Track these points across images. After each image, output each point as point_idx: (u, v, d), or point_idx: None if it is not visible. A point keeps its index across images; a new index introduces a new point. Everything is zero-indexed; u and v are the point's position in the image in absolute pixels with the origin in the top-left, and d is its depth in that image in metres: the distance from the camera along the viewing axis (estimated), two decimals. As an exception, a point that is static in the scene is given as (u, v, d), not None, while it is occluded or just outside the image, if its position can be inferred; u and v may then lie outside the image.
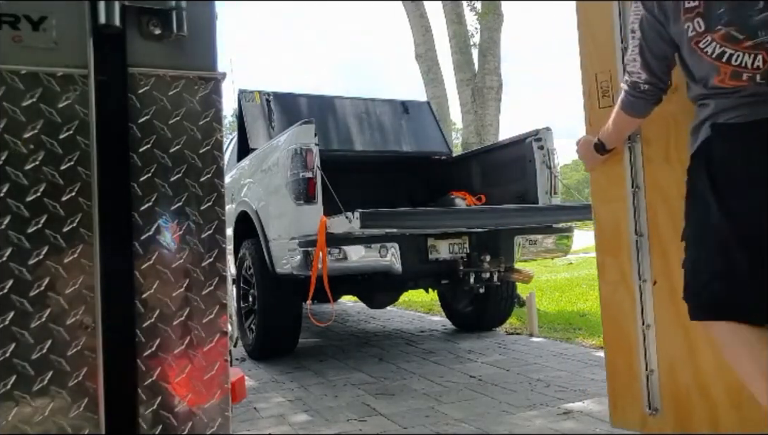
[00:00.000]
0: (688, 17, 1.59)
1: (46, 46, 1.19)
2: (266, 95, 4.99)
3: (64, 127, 1.20)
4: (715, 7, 1.56)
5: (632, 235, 1.99)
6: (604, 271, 2.07)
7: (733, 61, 1.55)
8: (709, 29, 1.57)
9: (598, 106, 2.04)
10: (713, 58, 1.58)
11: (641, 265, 1.98)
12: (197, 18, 1.28)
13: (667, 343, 1.96)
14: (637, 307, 1.99)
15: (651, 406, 1.99)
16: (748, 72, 1.54)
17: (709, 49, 1.58)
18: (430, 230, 3.67)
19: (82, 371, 1.19)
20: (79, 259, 1.19)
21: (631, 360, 2.02)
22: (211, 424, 1.27)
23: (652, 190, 1.95)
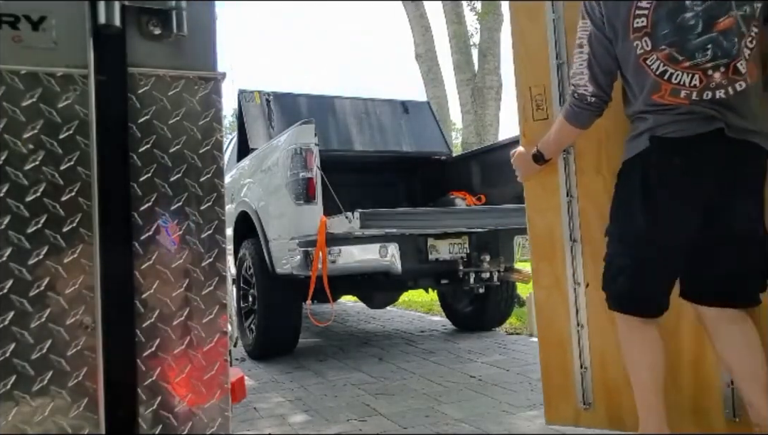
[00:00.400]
0: (636, 36, 1.71)
1: (46, 46, 1.19)
2: (266, 95, 4.99)
3: (63, 127, 1.20)
4: (660, 27, 1.67)
5: (566, 242, 2.09)
6: (538, 276, 2.16)
7: (673, 80, 1.67)
8: (655, 48, 1.68)
9: (532, 119, 2.11)
10: (657, 75, 1.69)
11: (575, 270, 2.09)
12: (197, 18, 1.28)
13: (598, 340, 2.08)
14: (572, 309, 2.10)
15: (585, 401, 2.11)
16: (686, 90, 1.66)
17: (654, 66, 1.69)
18: (430, 230, 3.67)
19: (82, 371, 1.19)
20: (79, 259, 1.19)
21: (565, 359, 2.12)
22: (211, 424, 1.27)
23: (584, 198, 2.06)
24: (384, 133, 5.33)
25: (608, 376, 2.08)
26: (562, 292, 2.11)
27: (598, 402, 2.10)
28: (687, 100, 1.67)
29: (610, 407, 2.09)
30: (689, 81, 1.66)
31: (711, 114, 1.65)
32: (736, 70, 1.64)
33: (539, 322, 2.18)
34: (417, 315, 6.07)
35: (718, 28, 1.64)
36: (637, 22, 1.70)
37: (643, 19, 1.69)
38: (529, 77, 2.10)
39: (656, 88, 1.70)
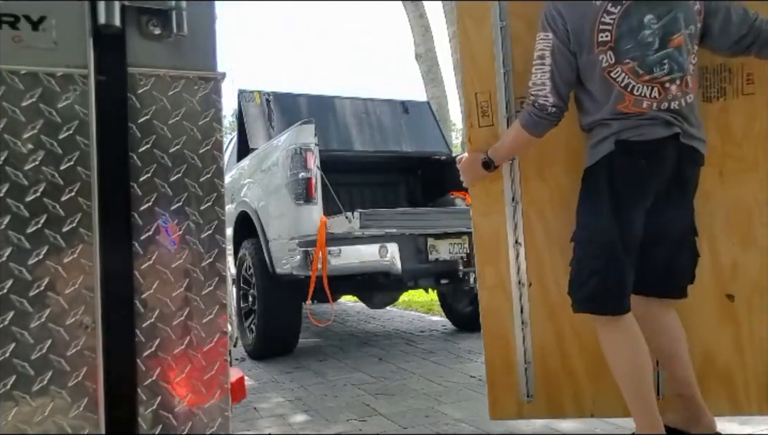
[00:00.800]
0: (601, 49, 1.81)
1: (46, 46, 1.19)
2: (266, 95, 4.99)
3: (63, 127, 1.20)
4: (624, 42, 1.79)
5: (511, 245, 2.18)
6: (483, 278, 2.23)
7: (635, 92, 1.81)
8: (619, 61, 1.80)
9: (478, 126, 2.15)
10: (621, 87, 1.81)
11: (520, 271, 2.19)
12: (197, 18, 1.28)
13: (539, 336, 2.21)
14: (516, 309, 2.20)
15: (528, 394, 2.23)
16: (647, 101, 1.81)
17: (619, 78, 1.82)
18: (430, 230, 3.67)
19: (81, 371, 1.19)
20: (78, 259, 1.19)
21: (509, 356, 2.23)
22: (210, 424, 1.27)
23: (527, 203, 2.15)
24: (384, 133, 5.32)
25: (548, 369, 2.21)
26: (506, 293, 2.20)
27: (538, 394, 2.22)
28: (649, 110, 1.81)
29: (549, 397, 2.22)
30: (649, 93, 1.80)
31: (669, 120, 1.80)
32: (687, 84, 1.82)
33: (484, 322, 2.25)
34: (417, 315, 6.07)
35: (672, 45, 1.79)
36: (602, 36, 1.80)
37: (607, 34, 1.80)
38: (475, 83, 2.14)
39: (621, 99, 1.82)
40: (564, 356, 2.21)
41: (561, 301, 2.12)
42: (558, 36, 1.84)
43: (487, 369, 2.25)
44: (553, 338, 2.20)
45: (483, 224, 2.21)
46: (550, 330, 2.20)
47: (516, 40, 2.08)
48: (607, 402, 2.19)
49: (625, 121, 1.82)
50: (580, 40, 1.82)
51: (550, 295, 2.15)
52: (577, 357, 2.20)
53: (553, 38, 1.84)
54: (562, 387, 2.22)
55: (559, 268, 2.12)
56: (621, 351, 1.90)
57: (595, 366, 2.17)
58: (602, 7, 1.80)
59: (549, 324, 2.19)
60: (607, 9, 1.79)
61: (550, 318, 2.18)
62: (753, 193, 2.06)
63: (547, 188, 2.13)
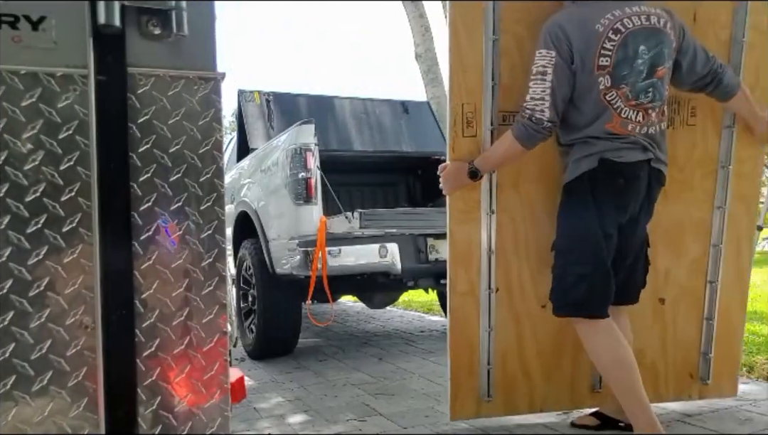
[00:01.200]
0: (600, 72, 1.94)
1: (46, 46, 1.19)
2: (266, 95, 4.99)
3: (63, 127, 1.20)
4: (621, 69, 1.94)
5: (484, 252, 2.28)
6: (456, 283, 2.30)
7: (623, 114, 1.96)
8: (614, 85, 1.94)
9: (462, 135, 2.23)
10: (613, 108, 1.96)
11: (490, 277, 2.29)
12: (197, 18, 1.28)
13: (502, 340, 2.34)
14: (483, 314, 2.30)
15: (489, 394, 2.36)
16: (632, 123, 1.97)
17: (612, 101, 1.96)
18: (429, 230, 3.67)
19: (81, 371, 1.19)
20: (78, 259, 1.19)
21: (473, 359, 2.33)
22: (210, 424, 1.27)
23: (501, 212, 2.26)
24: (384, 133, 5.32)
25: (507, 371, 2.36)
26: (475, 298, 2.30)
27: (497, 394, 2.36)
28: (632, 132, 1.97)
29: (506, 397, 2.38)
30: (635, 116, 1.96)
31: (646, 145, 1.98)
32: (663, 112, 2.02)
33: (452, 325, 2.33)
34: (417, 315, 6.07)
35: (657, 75, 1.96)
36: (602, 61, 1.94)
37: (607, 59, 1.93)
38: (462, 94, 2.19)
39: (610, 119, 1.97)
40: (522, 358, 2.37)
41: (524, 306, 2.31)
42: (561, 54, 1.94)
43: (451, 372, 2.33)
44: (514, 341, 2.35)
45: (458, 231, 2.28)
46: (513, 334, 2.35)
47: (504, 55, 2.17)
48: (555, 397, 2.42)
49: (608, 142, 1.96)
50: (583, 60, 1.94)
51: (514, 301, 2.30)
52: (534, 358, 2.37)
53: (556, 56, 1.93)
54: (519, 387, 2.38)
55: (525, 274, 2.29)
56: (607, 352, 2.03)
57: (548, 366, 2.39)
58: (605, 33, 1.93)
59: (512, 328, 2.34)
60: (609, 36, 1.93)
61: (513, 322, 2.32)
62: (688, 211, 2.38)
63: (518, 198, 2.26)
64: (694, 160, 2.35)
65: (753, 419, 2.36)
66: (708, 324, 2.48)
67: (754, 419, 2.36)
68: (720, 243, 2.41)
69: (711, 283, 2.45)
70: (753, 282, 7.30)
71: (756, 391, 2.78)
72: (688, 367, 2.51)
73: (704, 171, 2.37)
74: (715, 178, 2.37)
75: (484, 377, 2.35)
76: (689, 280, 2.44)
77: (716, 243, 2.41)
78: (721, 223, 2.40)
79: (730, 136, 2.34)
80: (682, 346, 2.48)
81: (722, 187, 2.38)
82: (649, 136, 1.99)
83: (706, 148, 2.36)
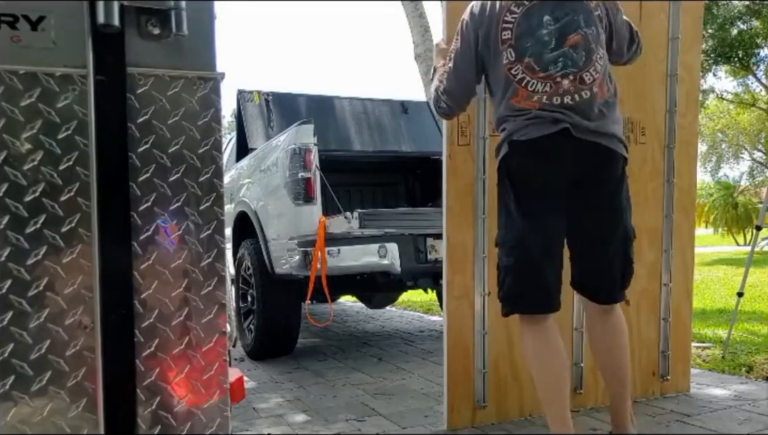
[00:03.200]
0: (504, 47, 1.90)
1: (45, 46, 1.19)
2: (265, 95, 4.98)
3: (62, 127, 1.20)
4: (523, 40, 1.88)
5: (479, 256, 2.39)
6: (452, 287, 2.39)
7: (529, 87, 1.87)
8: (519, 59, 1.88)
9: (457, 144, 2.41)
10: (517, 82, 1.88)
11: (485, 282, 2.37)
12: (196, 18, 1.28)
13: (494, 344, 2.41)
14: (478, 317, 2.39)
15: (484, 401, 2.42)
16: (538, 95, 1.86)
17: (516, 74, 1.89)
18: (429, 230, 3.67)
19: (80, 371, 1.19)
20: (77, 259, 1.19)
21: (468, 364, 2.40)
22: (210, 424, 1.27)
23: (492, 216, 2.30)
24: (383, 133, 5.32)
25: (499, 376, 2.44)
26: (470, 302, 2.39)
27: (490, 401, 2.43)
28: (537, 104, 1.86)
29: (498, 403, 2.44)
30: (542, 88, 1.87)
31: (556, 117, 1.84)
32: (582, 80, 1.86)
33: (449, 330, 2.41)
34: (416, 315, 6.07)
35: (567, 44, 1.87)
36: (504, 35, 1.90)
37: (509, 32, 1.89)
38: None
39: (515, 93, 1.89)
40: (513, 363, 2.44)
41: None
42: (464, 40, 1.97)
43: (447, 377, 2.38)
44: (506, 346, 2.42)
45: (455, 236, 2.39)
46: (504, 336, 2.41)
47: None
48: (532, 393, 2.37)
49: (514, 121, 1.88)
50: (487, 41, 1.92)
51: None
52: (523, 363, 2.38)
53: (458, 43, 1.99)
54: (510, 392, 2.46)
55: None
56: (535, 354, 1.93)
57: None
58: (506, 7, 1.90)
59: (504, 332, 2.39)
60: (510, 9, 1.90)
61: (505, 326, 2.36)
62: (643, 221, 2.54)
63: None
64: (645, 173, 2.64)
65: (752, 419, 2.36)
66: (664, 323, 2.71)
67: (753, 419, 2.36)
68: (670, 248, 2.69)
69: (665, 285, 2.71)
70: (752, 282, 7.32)
71: (756, 391, 2.78)
72: (651, 365, 2.70)
73: (654, 184, 2.66)
74: (662, 190, 2.68)
75: (479, 382, 2.40)
76: (648, 282, 2.67)
77: (667, 248, 2.69)
78: (669, 230, 2.69)
79: (671, 155, 2.68)
80: (645, 345, 2.68)
81: (668, 198, 2.69)
82: (565, 106, 1.85)
83: (654, 164, 2.66)
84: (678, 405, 2.58)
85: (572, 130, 1.83)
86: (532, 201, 1.89)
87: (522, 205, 1.89)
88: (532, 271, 1.88)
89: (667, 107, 2.69)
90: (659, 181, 2.68)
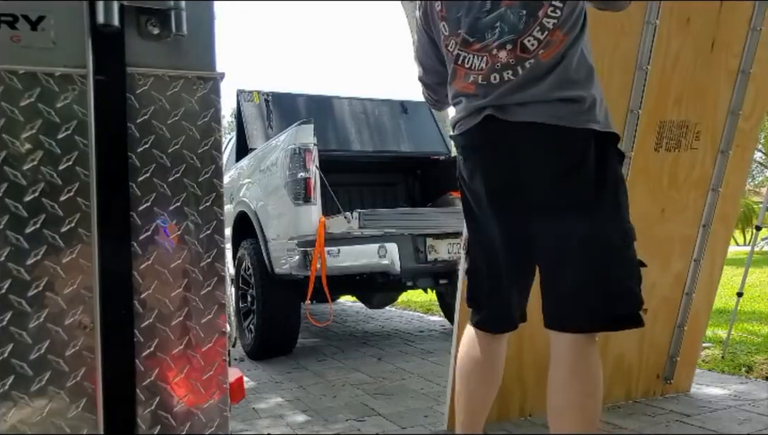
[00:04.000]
0: (441, 22, 1.58)
1: (45, 46, 1.19)
2: (265, 95, 4.99)
3: (62, 127, 1.19)
4: (453, 10, 1.53)
5: None
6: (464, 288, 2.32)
7: (466, 64, 1.52)
8: (452, 32, 1.54)
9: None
10: (454, 60, 1.55)
11: None
12: (196, 18, 1.28)
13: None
14: None
15: None
16: (474, 74, 1.50)
17: (453, 51, 1.55)
18: (428, 230, 3.67)
19: (80, 371, 1.18)
20: (77, 259, 1.19)
21: None
22: (209, 424, 1.27)
23: None
24: (383, 133, 5.32)
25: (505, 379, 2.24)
26: None
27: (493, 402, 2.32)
28: (473, 86, 1.50)
29: (501, 405, 2.41)
30: (478, 64, 1.49)
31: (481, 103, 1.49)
32: (524, 48, 1.43)
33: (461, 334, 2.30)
34: (416, 315, 6.07)
35: (504, 3, 1.46)
36: (437, 5, 1.58)
37: (439, 4, 1.58)
38: None
39: (454, 75, 1.56)
40: (520, 367, 2.41)
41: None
42: (420, 24, 1.70)
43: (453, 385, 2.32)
44: (515, 351, 2.32)
45: None
46: (514, 343, 2.27)
47: None
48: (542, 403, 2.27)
49: (457, 112, 1.59)
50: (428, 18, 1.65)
51: None
52: (530, 366, 2.40)
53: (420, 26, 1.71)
54: (513, 394, 2.44)
55: None
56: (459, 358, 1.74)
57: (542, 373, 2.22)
58: None
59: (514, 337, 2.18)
60: None
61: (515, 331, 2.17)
62: (679, 229, 2.49)
63: None
64: (691, 182, 2.47)
65: (752, 419, 2.36)
66: (679, 330, 2.68)
67: (753, 419, 2.36)
68: (701, 258, 2.58)
69: (687, 294, 2.63)
70: (752, 282, 7.32)
71: (755, 391, 2.78)
72: (657, 368, 2.69)
73: (697, 192, 2.51)
74: (705, 199, 2.52)
75: None
76: (671, 291, 2.59)
77: (698, 258, 2.59)
78: (703, 240, 2.56)
79: (723, 161, 2.48)
80: (655, 349, 2.66)
81: (710, 207, 2.53)
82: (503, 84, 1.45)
83: (702, 171, 2.48)
84: (678, 405, 2.58)
85: (497, 114, 1.45)
86: (478, 205, 1.61)
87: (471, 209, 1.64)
88: (474, 281, 1.67)
89: (730, 108, 2.43)
90: (704, 190, 2.50)
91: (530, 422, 2.45)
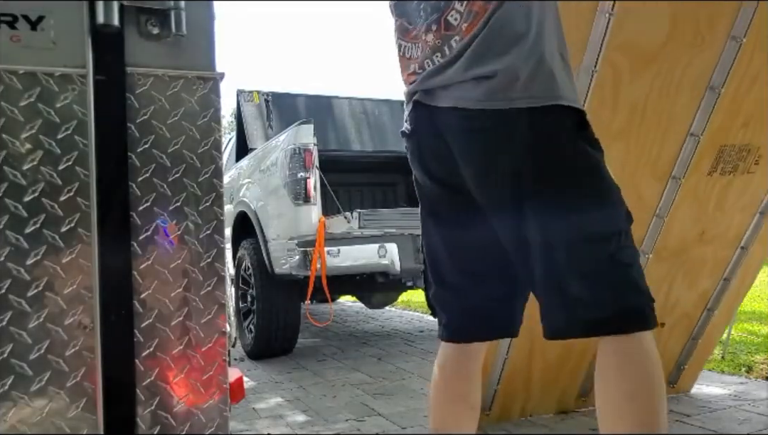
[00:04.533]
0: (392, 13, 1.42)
1: (45, 46, 1.19)
2: (265, 95, 4.99)
3: (62, 127, 1.19)
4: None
5: None
6: None
7: (407, 54, 1.36)
8: (396, 23, 1.40)
9: None
10: (399, 53, 1.40)
11: None
12: (196, 18, 1.28)
13: (515, 358, 2.31)
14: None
15: (489, 408, 2.39)
16: (413, 63, 1.34)
17: (397, 42, 1.41)
18: (428, 230, 3.67)
19: (80, 371, 1.18)
20: (77, 259, 1.19)
21: (487, 371, 2.31)
22: (209, 424, 1.27)
23: None
24: (383, 132, 5.33)
25: (512, 385, 2.39)
26: None
27: (495, 406, 2.42)
28: (414, 76, 1.33)
29: (503, 408, 2.43)
30: (415, 53, 1.33)
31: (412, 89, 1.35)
32: (448, 25, 1.25)
33: None
34: (416, 315, 6.07)
35: None
36: None
37: None
38: None
39: (401, 67, 1.41)
40: (528, 373, 2.39)
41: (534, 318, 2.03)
42: None
43: None
44: (525, 358, 2.34)
45: None
46: (526, 351, 2.31)
47: None
48: (546, 404, 2.48)
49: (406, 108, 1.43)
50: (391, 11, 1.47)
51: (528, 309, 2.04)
52: (538, 372, 2.39)
53: None
54: (517, 397, 2.44)
55: None
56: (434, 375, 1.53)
57: (549, 377, 2.40)
58: None
59: (525, 345, 2.28)
60: None
61: (527, 340, 2.21)
62: (714, 251, 2.39)
63: None
64: (740, 205, 2.32)
65: (752, 419, 2.36)
66: (693, 342, 2.64)
67: (752, 419, 2.36)
68: (732, 277, 2.48)
69: (709, 310, 2.55)
70: (752, 282, 7.24)
71: (755, 391, 2.79)
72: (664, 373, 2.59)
73: (743, 215, 2.37)
74: (749, 222, 2.37)
75: (489, 396, 2.38)
76: (693, 309, 2.53)
77: (729, 277, 2.49)
78: (739, 260, 2.45)
79: None
80: (665, 357, 2.57)
81: (754, 229, 2.38)
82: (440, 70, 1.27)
83: (752, 195, 2.32)
84: (678, 405, 2.58)
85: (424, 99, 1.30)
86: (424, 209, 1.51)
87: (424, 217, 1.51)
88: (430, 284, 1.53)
89: None
90: (750, 213, 2.35)
91: (530, 422, 2.45)
